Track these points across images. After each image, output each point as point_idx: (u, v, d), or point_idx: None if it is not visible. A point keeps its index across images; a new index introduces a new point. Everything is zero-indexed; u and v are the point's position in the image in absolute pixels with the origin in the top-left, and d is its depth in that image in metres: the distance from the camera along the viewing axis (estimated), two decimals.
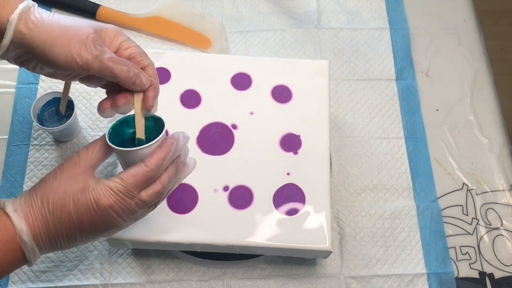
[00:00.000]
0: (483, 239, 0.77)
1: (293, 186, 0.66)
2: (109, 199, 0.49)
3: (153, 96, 0.54)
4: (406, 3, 0.95)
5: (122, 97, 0.54)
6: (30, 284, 0.70)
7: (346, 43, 0.90)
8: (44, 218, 0.49)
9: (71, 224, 0.50)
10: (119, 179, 0.50)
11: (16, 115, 0.81)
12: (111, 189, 0.49)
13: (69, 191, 0.49)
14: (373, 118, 0.84)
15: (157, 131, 0.54)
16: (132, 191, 0.50)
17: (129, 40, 0.55)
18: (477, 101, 0.87)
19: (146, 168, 0.50)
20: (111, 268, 0.72)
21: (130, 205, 0.50)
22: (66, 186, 0.50)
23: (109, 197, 0.49)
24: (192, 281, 0.71)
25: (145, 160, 0.51)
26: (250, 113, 0.70)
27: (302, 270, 0.73)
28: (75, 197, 0.49)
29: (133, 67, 0.52)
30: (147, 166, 0.50)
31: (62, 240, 0.51)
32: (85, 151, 0.52)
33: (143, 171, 0.50)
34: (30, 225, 0.49)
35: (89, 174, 0.51)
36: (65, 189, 0.49)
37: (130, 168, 0.51)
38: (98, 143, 0.53)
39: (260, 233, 0.63)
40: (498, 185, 0.80)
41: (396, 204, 0.78)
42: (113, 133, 0.54)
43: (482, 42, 0.92)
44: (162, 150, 0.51)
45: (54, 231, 0.50)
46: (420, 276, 0.73)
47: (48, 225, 0.49)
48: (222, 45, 0.88)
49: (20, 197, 0.51)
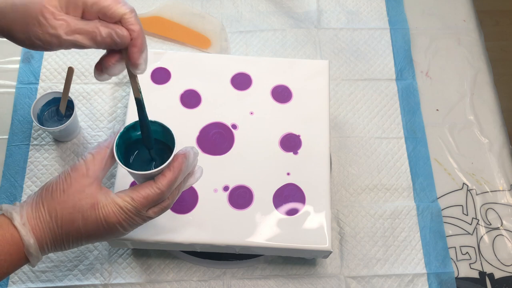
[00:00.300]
0: (483, 239, 0.77)
1: (293, 186, 0.66)
2: (118, 217, 0.50)
3: (137, 51, 0.48)
4: (406, 3, 0.95)
5: (110, 57, 0.50)
6: (30, 284, 0.70)
7: (346, 43, 0.90)
8: (52, 231, 0.50)
9: (79, 236, 0.50)
10: (129, 198, 0.50)
11: (16, 115, 0.81)
12: (121, 208, 0.50)
13: (78, 207, 0.49)
14: (373, 118, 0.84)
15: (165, 137, 0.54)
16: (141, 211, 0.51)
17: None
18: (477, 101, 0.87)
19: (157, 190, 0.50)
20: (111, 268, 0.72)
21: (137, 221, 0.52)
22: (75, 201, 0.49)
23: (119, 216, 0.50)
24: (192, 281, 0.71)
25: (157, 182, 0.50)
26: (250, 113, 0.70)
27: (302, 270, 0.73)
28: (85, 214, 0.49)
29: (101, 27, 0.47)
30: (159, 189, 0.50)
31: (67, 246, 0.52)
32: (92, 161, 0.51)
33: (155, 193, 0.50)
34: (37, 238, 0.49)
35: (96, 186, 0.50)
36: (74, 204, 0.49)
37: (141, 189, 0.50)
38: (104, 153, 0.52)
39: (260, 233, 0.63)
40: (498, 185, 0.80)
41: (396, 204, 0.78)
42: (120, 142, 0.53)
43: (482, 42, 0.92)
44: (174, 171, 0.51)
45: (60, 241, 0.51)
46: (420, 276, 0.73)
47: (56, 237, 0.50)
48: (222, 45, 0.88)
49: (26, 205, 0.50)
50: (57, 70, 0.85)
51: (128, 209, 0.50)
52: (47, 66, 0.85)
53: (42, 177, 0.77)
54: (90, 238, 0.51)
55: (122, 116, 0.80)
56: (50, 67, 0.85)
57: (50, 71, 0.85)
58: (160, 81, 0.72)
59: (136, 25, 0.48)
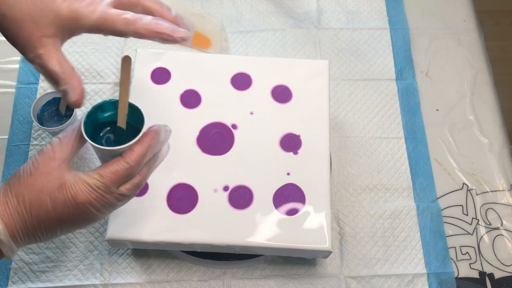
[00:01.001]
0: (483, 239, 0.77)
1: (293, 186, 0.66)
2: (87, 196, 0.48)
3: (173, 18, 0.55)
4: (406, 3, 0.95)
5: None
6: (30, 284, 0.70)
7: (346, 43, 0.90)
8: (21, 216, 0.48)
9: (50, 220, 0.49)
10: (97, 175, 0.49)
11: (16, 115, 0.81)
12: (90, 185, 0.48)
13: (46, 189, 0.48)
14: (373, 118, 0.84)
15: (134, 118, 0.53)
16: (111, 187, 0.49)
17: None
18: (477, 101, 0.87)
19: (126, 165, 0.49)
20: (111, 268, 0.72)
21: (110, 200, 0.50)
22: (42, 184, 0.48)
23: (88, 194, 0.48)
24: (192, 281, 0.71)
25: (125, 156, 0.49)
26: (250, 113, 0.70)
27: (302, 270, 0.73)
28: (52, 195, 0.48)
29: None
30: (127, 163, 0.49)
31: (41, 235, 0.50)
32: (59, 144, 0.50)
33: (123, 168, 0.49)
34: (6, 224, 0.48)
35: (64, 168, 0.49)
36: (41, 186, 0.48)
37: (109, 164, 0.49)
38: (72, 134, 0.51)
39: (260, 233, 0.63)
40: (498, 185, 0.80)
41: (396, 204, 0.78)
42: (88, 122, 0.52)
43: (482, 42, 0.92)
44: (143, 145, 0.50)
45: (32, 227, 0.49)
46: (420, 276, 0.73)
47: (26, 222, 0.48)
48: (222, 45, 0.88)
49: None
50: None
51: (97, 186, 0.48)
52: None
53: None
54: (63, 224, 0.49)
55: None
56: None
57: None
58: (160, 81, 0.72)
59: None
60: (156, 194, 0.64)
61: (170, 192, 0.65)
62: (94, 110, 0.53)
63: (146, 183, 0.65)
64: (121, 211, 0.63)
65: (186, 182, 0.65)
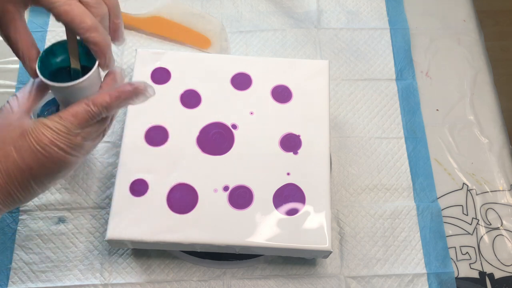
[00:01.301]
0: (483, 239, 0.77)
1: (293, 186, 0.66)
2: (50, 137, 0.47)
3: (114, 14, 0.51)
4: (406, 3, 0.95)
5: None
6: (30, 284, 0.70)
7: (346, 43, 0.90)
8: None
9: (20, 172, 0.47)
10: (57, 117, 0.48)
11: None
12: (50, 127, 0.47)
13: (8, 139, 0.47)
14: (373, 118, 0.84)
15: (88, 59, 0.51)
16: (72, 129, 0.48)
17: None
18: (477, 101, 0.87)
19: (86, 107, 0.48)
20: (111, 268, 0.72)
21: (75, 141, 0.49)
22: (3, 136, 0.47)
23: (50, 136, 0.47)
24: (192, 281, 0.71)
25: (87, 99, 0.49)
26: (250, 113, 0.70)
27: (302, 270, 0.73)
28: (16, 144, 0.47)
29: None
30: (87, 105, 0.48)
31: (18, 192, 0.48)
32: (15, 100, 0.49)
33: (84, 110, 0.48)
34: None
35: (24, 118, 0.48)
36: (2, 139, 0.47)
37: (70, 107, 0.49)
38: (28, 85, 0.50)
39: (260, 233, 0.63)
40: (498, 185, 0.80)
41: (396, 204, 0.78)
42: (42, 67, 0.50)
43: (482, 42, 0.92)
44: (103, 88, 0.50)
45: (4, 184, 0.47)
46: (420, 276, 0.73)
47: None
48: (222, 45, 0.88)
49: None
50: None
51: (57, 128, 0.47)
52: None
53: None
54: (35, 174, 0.48)
55: (122, 116, 0.80)
56: None
57: None
58: (160, 81, 0.72)
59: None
60: (156, 194, 0.64)
61: (170, 192, 0.65)
62: (45, 55, 0.51)
63: (146, 183, 0.65)
64: (121, 211, 0.63)
65: (186, 182, 0.65)
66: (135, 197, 0.64)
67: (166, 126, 0.69)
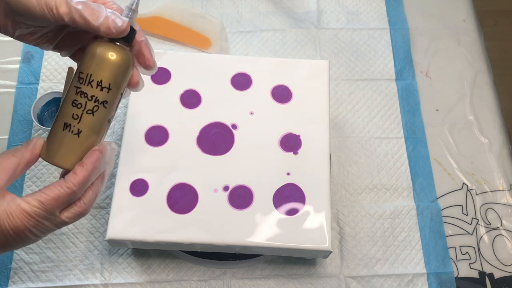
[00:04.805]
0: (483, 239, 0.77)
1: (293, 186, 0.66)
2: (26, 224, 0.45)
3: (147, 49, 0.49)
4: (406, 3, 0.95)
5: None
6: (30, 284, 0.70)
7: (346, 43, 0.90)
8: None
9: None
10: (37, 202, 0.45)
11: (16, 115, 0.81)
12: (29, 214, 0.45)
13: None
14: (373, 118, 0.84)
15: None
16: (52, 214, 0.46)
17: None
18: (477, 101, 0.87)
19: (68, 190, 0.46)
20: (111, 268, 0.72)
21: (49, 227, 0.47)
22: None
23: (27, 223, 0.45)
24: (192, 281, 0.71)
25: (67, 180, 0.46)
26: (250, 113, 0.70)
27: (302, 270, 0.73)
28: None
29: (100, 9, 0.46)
30: (69, 188, 0.46)
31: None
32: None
33: (65, 193, 0.46)
34: None
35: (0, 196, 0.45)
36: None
37: (49, 190, 0.46)
38: (12, 161, 0.47)
39: (260, 233, 0.63)
40: (498, 185, 0.80)
41: (396, 204, 0.78)
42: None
43: (482, 42, 0.92)
44: (87, 168, 0.47)
45: None
46: (420, 276, 0.73)
47: None
48: (222, 45, 0.88)
49: None
50: (57, 70, 0.85)
51: (36, 214, 0.45)
52: (47, 66, 0.85)
53: (42, 177, 0.77)
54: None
55: (122, 116, 0.80)
56: (50, 67, 0.85)
57: (50, 71, 0.85)
58: (160, 81, 0.72)
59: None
60: (156, 194, 0.64)
61: (170, 192, 0.65)
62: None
63: (146, 183, 0.65)
64: (121, 211, 0.63)
65: (186, 182, 0.65)
66: (135, 197, 0.64)
67: (166, 126, 0.69)
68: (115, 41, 0.48)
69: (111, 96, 0.48)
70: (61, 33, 0.51)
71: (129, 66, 0.49)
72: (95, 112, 0.47)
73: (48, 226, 0.47)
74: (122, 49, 0.48)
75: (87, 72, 0.47)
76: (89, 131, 0.47)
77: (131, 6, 0.48)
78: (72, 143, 0.47)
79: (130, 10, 0.48)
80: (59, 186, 0.46)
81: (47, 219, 0.46)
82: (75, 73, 0.48)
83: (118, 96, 0.49)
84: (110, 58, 0.47)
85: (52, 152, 0.47)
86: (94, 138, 0.48)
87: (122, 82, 0.49)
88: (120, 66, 0.48)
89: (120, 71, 0.48)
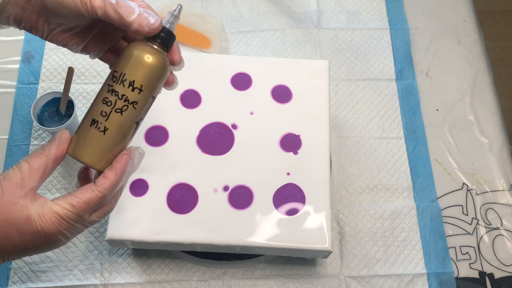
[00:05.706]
0: (483, 239, 0.77)
1: (293, 186, 0.66)
2: (58, 227, 0.46)
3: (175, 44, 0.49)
4: (406, 3, 0.95)
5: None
6: (30, 284, 0.70)
7: (346, 43, 0.90)
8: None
9: (15, 251, 0.46)
10: (69, 205, 0.46)
11: (16, 115, 0.81)
12: (61, 216, 0.45)
13: (12, 221, 0.45)
14: (373, 118, 0.84)
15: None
16: (83, 217, 0.47)
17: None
18: (477, 101, 0.87)
19: (100, 194, 0.46)
20: (111, 268, 0.72)
21: (80, 228, 0.48)
22: (7, 215, 0.45)
23: (59, 225, 0.46)
24: (192, 281, 0.71)
25: (98, 184, 0.46)
26: (250, 113, 0.70)
27: (302, 270, 0.73)
28: (20, 227, 0.45)
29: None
30: (100, 192, 0.46)
31: (1, 260, 0.47)
32: (28, 170, 0.46)
33: (96, 197, 0.46)
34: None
35: (32, 197, 0.46)
36: (6, 218, 0.45)
37: (81, 193, 0.46)
38: (41, 160, 0.46)
39: (260, 233, 0.63)
40: (498, 185, 0.80)
41: (396, 204, 0.78)
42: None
43: (482, 42, 0.92)
44: (117, 172, 0.47)
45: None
46: (420, 276, 0.73)
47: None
48: (222, 45, 0.88)
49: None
50: (57, 70, 0.85)
51: (68, 217, 0.46)
52: (47, 66, 0.85)
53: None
54: (28, 251, 0.47)
55: None
56: (50, 67, 0.85)
57: (50, 71, 0.85)
58: None
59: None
60: (156, 194, 0.64)
61: (170, 192, 0.65)
62: None
63: (146, 183, 0.65)
64: (121, 211, 0.63)
65: (186, 182, 0.65)
66: (135, 197, 0.64)
67: (166, 126, 0.69)
68: (153, 44, 0.48)
69: (142, 98, 0.48)
70: (91, 33, 0.51)
71: (164, 70, 0.48)
72: (123, 111, 0.47)
73: (79, 228, 0.47)
74: (159, 53, 0.48)
75: (121, 71, 0.47)
76: (115, 129, 0.47)
77: (173, 12, 0.49)
78: (98, 140, 0.47)
79: (172, 15, 0.49)
80: (91, 190, 0.46)
81: (78, 221, 0.46)
82: (110, 72, 0.48)
83: (150, 99, 0.49)
84: (146, 60, 0.47)
85: (79, 149, 0.47)
86: (120, 138, 0.48)
87: (155, 85, 0.48)
88: (155, 69, 0.47)
89: (154, 74, 0.48)
